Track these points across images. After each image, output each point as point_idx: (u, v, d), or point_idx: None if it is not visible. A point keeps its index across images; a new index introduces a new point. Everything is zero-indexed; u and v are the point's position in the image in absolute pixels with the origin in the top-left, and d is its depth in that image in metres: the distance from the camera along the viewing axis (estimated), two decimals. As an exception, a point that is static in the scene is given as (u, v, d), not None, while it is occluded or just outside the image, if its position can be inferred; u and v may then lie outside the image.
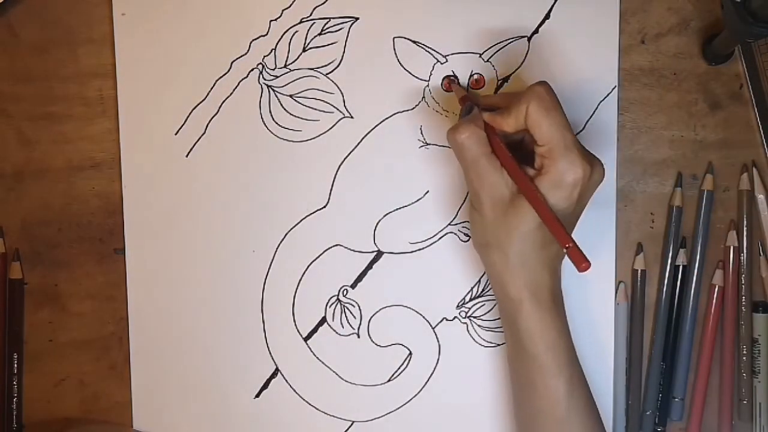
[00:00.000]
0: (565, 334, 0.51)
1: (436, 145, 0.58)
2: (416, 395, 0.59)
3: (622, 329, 0.59)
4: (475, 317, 0.59)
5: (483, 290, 0.59)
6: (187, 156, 0.59)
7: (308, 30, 0.58)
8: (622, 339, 0.59)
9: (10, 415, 0.59)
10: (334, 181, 0.59)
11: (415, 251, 0.59)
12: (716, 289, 0.58)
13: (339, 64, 0.58)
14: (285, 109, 0.58)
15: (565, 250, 0.47)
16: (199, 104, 0.58)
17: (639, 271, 0.59)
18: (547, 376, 0.50)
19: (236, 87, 0.58)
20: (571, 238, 0.47)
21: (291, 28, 0.58)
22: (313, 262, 0.59)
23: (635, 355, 0.59)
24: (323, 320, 0.59)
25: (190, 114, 0.58)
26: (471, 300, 0.59)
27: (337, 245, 0.59)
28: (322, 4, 0.58)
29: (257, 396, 0.60)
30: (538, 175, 0.49)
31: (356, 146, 0.58)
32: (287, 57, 0.58)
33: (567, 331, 0.51)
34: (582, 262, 0.46)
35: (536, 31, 0.58)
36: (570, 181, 0.48)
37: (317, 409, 0.60)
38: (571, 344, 0.51)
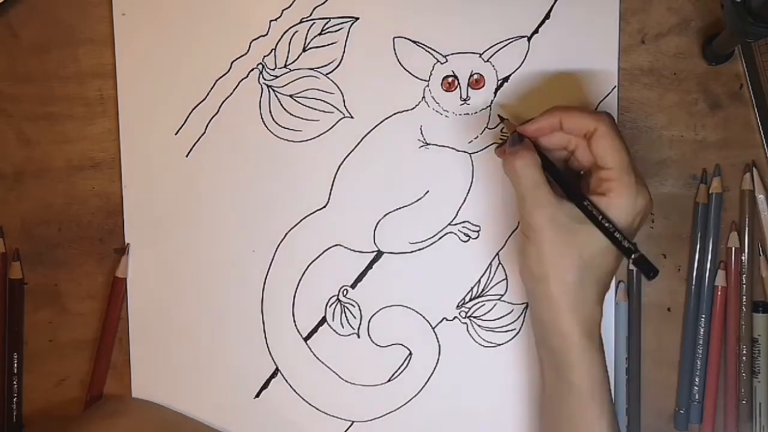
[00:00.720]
0: (607, 372, 0.50)
1: (436, 145, 0.58)
2: (416, 395, 0.59)
3: (622, 329, 0.59)
4: (475, 317, 0.59)
5: (483, 290, 0.59)
6: (187, 156, 0.59)
7: (308, 30, 0.58)
8: (623, 339, 0.59)
9: (10, 414, 0.59)
10: (334, 181, 0.59)
11: (415, 251, 0.59)
12: (719, 290, 0.58)
13: (339, 64, 0.58)
14: (285, 109, 0.58)
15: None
16: (199, 104, 0.58)
17: (635, 272, 0.59)
18: (590, 415, 0.49)
19: (236, 87, 0.58)
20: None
21: (291, 28, 0.58)
22: (313, 262, 0.59)
23: (634, 355, 0.59)
24: (323, 320, 0.59)
25: (190, 114, 0.58)
26: (471, 300, 0.59)
27: (337, 245, 0.59)
28: (322, 4, 0.58)
29: (257, 396, 0.60)
30: (606, 198, 0.49)
31: (356, 146, 0.58)
32: (287, 57, 0.58)
33: (607, 368, 0.50)
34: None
35: (536, 31, 0.58)
36: (641, 205, 0.49)
37: (317, 409, 0.60)
38: (609, 382, 0.50)
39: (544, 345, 0.51)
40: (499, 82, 0.58)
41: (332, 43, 0.58)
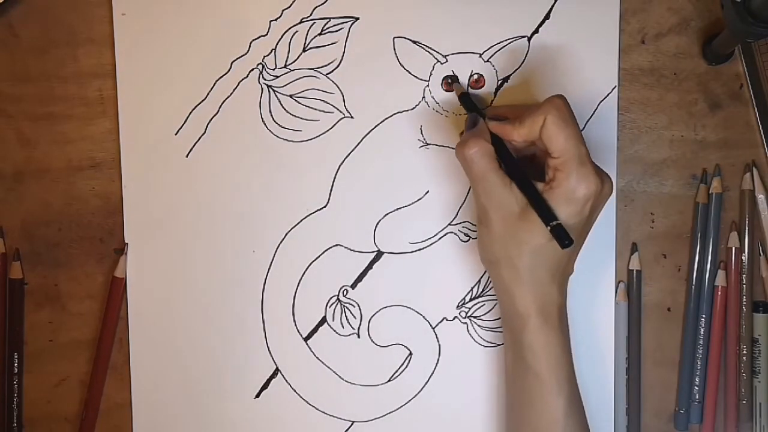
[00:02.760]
0: (568, 353, 0.51)
1: (436, 145, 0.58)
2: (416, 395, 0.59)
3: (622, 329, 0.59)
4: (475, 317, 0.59)
5: (483, 290, 0.59)
6: (187, 156, 0.59)
7: (308, 30, 0.58)
8: (622, 339, 0.59)
9: (10, 415, 0.59)
10: (334, 181, 0.59)
11: (415, 251, 0.59)
12: (719, 290, 0.58)
13: (339, 64, 0.58)
14: (285, 109, 0.58)
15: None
16: (199, 104, 0.58)
17: (635, 272, 0.59)
18: (547, 394, 0.50)
19: (236, 87, 0.58)
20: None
21: (291, 28, 0.58)
22: (313, 262, 0.59)
23: (634, 355, 0.59)
24: (323, 320, 0.59)
25: (190, 114, 0.58)
26: (471, 300, 0.59)
27: (337, 245, 0.59)
28: (322, 4, 0.58)
29: (257, 396, 0.60)
30: (549, 188, 0.49)
31: (356, 146, 0.58)
32: (287, 57, 0.58)
33: (569, 349, 0.51)
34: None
35: (536, 31, 0.58)
36: (582, 195, 0.48)
37: (317, 409, 0.60)
38: (572, 363, 0.51)
39: (505, 326, 0.52)
40: (499, 82, 0.58)
41: (332, 43, 0.58)
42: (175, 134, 0.58)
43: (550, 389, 0.50)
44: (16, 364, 0.59)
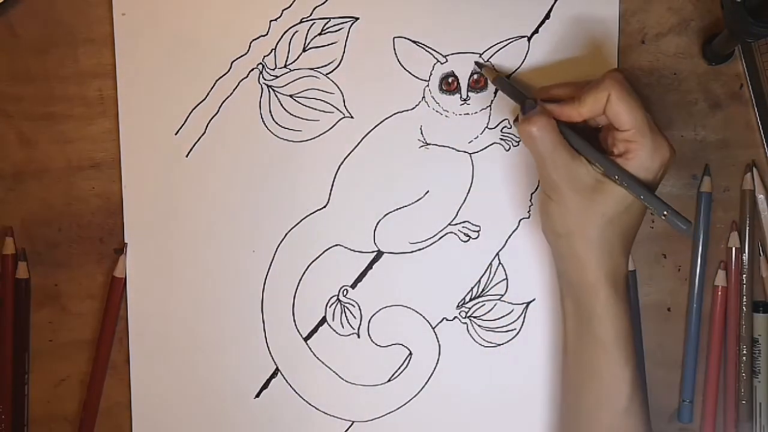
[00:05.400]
0: (632, 324, 0.51)
1: (436, 145, 0.58)
2: (416, 395, 0.59)
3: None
4: (475, 317, 0.59)
5: (483, 290, 0.59)
6: (187, 156, 0.59)
7: (308, 30, 0.58)
8: (622, 339, 0.59)
9: (21, 412, 0.59)
10: (334, 181, 0.59)
11: (415, 251, 0.59)
12: (719, 290, 0.58)
13: (339, 64, 0.58)
14: (285, 109, 0.58)
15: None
16: (199, 104, 0.58)
17: (635, 272, 0.59)
18: (615, 365, 0.50)
19: (236, 87, 0.58)
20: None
21: (291, 28, 0.58)
22: (313, 262, 0.59)
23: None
24: (323, 320, 0.59)
25: (190, 114, 0.58)
26: (471, 300, 0.59)
27: (337, 245, 0.59)
28: (322, 4, 0.58)
29: (257, 396, 0.60)
30: (625, 161, 0.49)
31: (356, 146, 0.58)
32: (287, 57, 0.58)
33: (632, 321, 0.51)
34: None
35: (536, 31, 0.58)
36: (658, 162, 0.49)
37: (317, 409, 0.60)
38: (634, 335, 0.51)
39: (570, 298, 0.52)
40: (499, 82, 0.58)
41: (332, 43, 0.58)
42: (175, 134, 0.58)
43: (617, 359, 0.50)
44: (27, 364, 0.59)
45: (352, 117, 0.58)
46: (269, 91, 0.58)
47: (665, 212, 0.48)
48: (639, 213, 0.50)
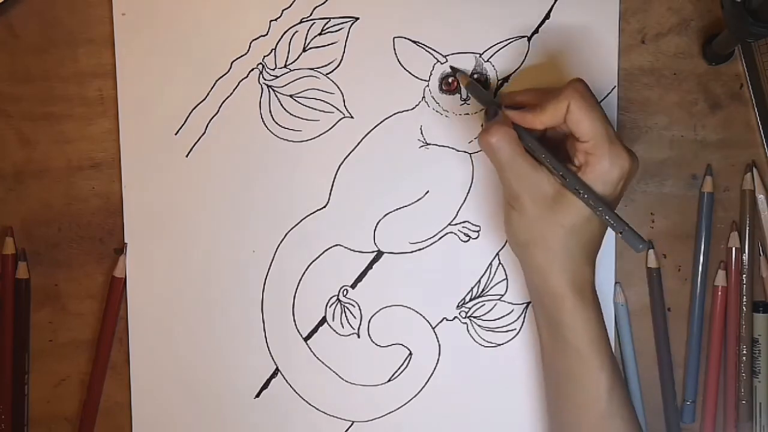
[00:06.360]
0: (605, 328, 0.51)
1: (436, 145, 0.58)
2: (416, 395, 0.59)
3: (623, 329, 0.59)
4: (475, 317, 0.59)
5: (483, 290, 0.59)
6: (187, 156, 0.59)
7: (308, 30, 0.58)
8: (623, 339, 0.59)
9: (21, 412, 0.59)
10: (334, 181, 0.59)
11: (415, 251, 0.59)
12: (719, 290, 0.58)
13: (339, 64, 0.58)
14: (285, 109, 0.58)
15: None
16: (199, 104, 0.58)
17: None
18: (590, 370, 0.50)
19: (236, 87, 0.58)
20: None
21: (291, 28, 0.58)
22: (313, 262, 0.59)
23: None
24: (323, 320, 0.59)
25: (190, 114, 0.58)
26: (471, 300, 0.59)
27: (337, 245, 0.59)
28: (322, 4, 0.58)
29: (257, 396, 0.60)
30: (583, 172, 0.49)
31: (356, 146, 0.58)
32: (287, 57, 0.58)
33: (605, 324, 0.51)
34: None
35: (536, 31, 0.58)
36: (617, 175, 0.49)
37: (317, 409, 0.60)
38: (608, 338, 0.51)
39: (538, 306, 0.52)
40: (499, 82, 0.58)
41: (332, 43, 0.58)
42: (175, 134, 0.58)
43: (591, 365, 0.50)
44: (27, 364, 0.59)
45: (352, 117, 0.58)
46: (269, 91, 0.58)
47: (621, 231, 0.48)
48: (601, 223, 0.50)
